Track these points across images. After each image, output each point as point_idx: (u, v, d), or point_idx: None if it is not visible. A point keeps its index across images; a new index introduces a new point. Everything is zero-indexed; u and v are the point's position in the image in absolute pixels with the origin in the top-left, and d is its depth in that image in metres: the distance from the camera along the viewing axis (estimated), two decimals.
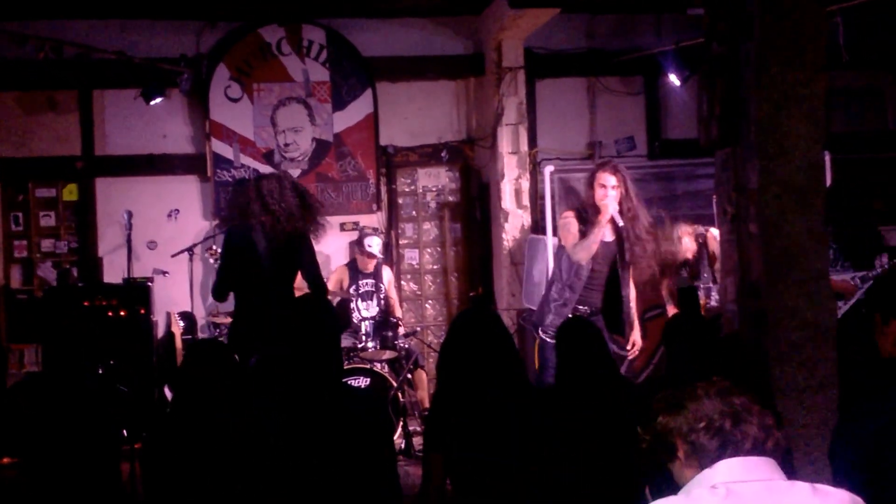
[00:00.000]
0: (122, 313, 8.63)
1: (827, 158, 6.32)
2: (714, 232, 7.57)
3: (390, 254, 9.99)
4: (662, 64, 9.45)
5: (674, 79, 9.48)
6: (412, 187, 10.28)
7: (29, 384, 6.13)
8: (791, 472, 2.57)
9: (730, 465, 2.38)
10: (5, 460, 5.01)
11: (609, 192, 6.92)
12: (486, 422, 3.80)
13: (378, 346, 8.24)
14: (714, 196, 6.32)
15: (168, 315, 9.16)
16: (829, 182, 6.33)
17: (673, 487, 2.48)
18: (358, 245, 9.14)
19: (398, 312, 9.11)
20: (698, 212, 8.54)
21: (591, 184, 7.04)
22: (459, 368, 3.96)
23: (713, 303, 7.19)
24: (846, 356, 4.42)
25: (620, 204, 6.94)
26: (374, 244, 8.95)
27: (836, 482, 2.75)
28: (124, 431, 6.92)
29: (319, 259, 8.64)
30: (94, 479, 5.40)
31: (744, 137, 4.52)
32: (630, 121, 10.34)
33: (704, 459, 2.42)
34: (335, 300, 8.51)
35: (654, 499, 2.47)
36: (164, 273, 9.06)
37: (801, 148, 4.46)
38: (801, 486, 2.38)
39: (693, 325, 5.10)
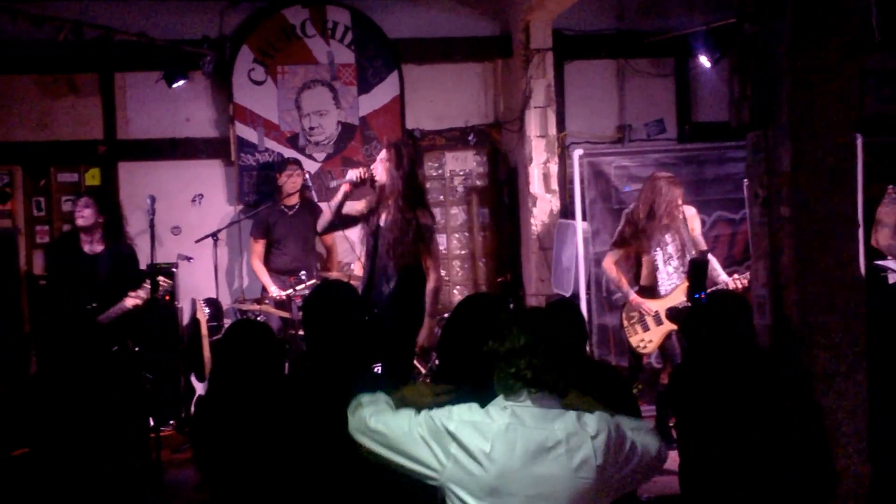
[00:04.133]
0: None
1: (858, 141, 6.36)
2: (691, 211, 7.71)
3: None
4: (693, 45, 9.44)
5: (704, 60, 9.49)
6: (439, 171, 10.34)
7: (51, 373, 6.24)
8: None
9: (520, 393, 3.19)
10: (19, 451, 5.10)
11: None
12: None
13: None
14: (744, 180, 6.39)
15: (193, 302, 9.23)
16: (860, 165, 6.40)
17: None
18: None
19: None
20: (728, 196, 8.60)
21: None
22: (460, 348, 3.98)
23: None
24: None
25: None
26: None
27: None
28: (150, 419, 7.09)
29: (344, 245, 8.79)
30: (122, 467, 5.51)
31: (776, 119, 4.56)
32: (660, 103, 10.36)
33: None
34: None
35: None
36: (189, 259, 9.10)
37: (833, 130, 4.51)
38: (570, 414, 3.19)
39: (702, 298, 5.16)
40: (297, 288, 8.26)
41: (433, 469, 3.19)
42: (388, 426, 3.28)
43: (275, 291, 8.51)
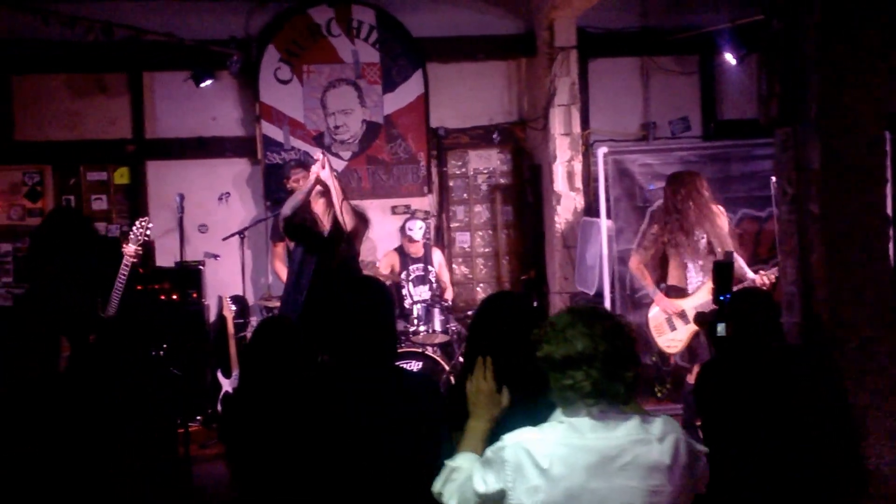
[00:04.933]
0: (174, 297, 8.75)
1: (888, 137, 6.27)
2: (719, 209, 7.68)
3: (441, 237, 10.04)
4: (718, 42, 9.38)
5: (730, 57, 9.42)
6: (463, 169, 10.31)
7: (83, 367, 6.24)
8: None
9: (577, 405, 2.93)
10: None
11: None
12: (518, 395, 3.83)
13: (430, 330, 8.28)
14: (772, 177, 6.31)
15: (220, 299, 9.20)
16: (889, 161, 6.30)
17: None
18: (401, 230, 9.21)
19: (448, 295, 9.16)
20: (755, 193, 8.50)
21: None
22: (486, 344, 3.95)
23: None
24: None
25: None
26: (416, 228, 8.99)
27: None
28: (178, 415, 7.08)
29: (368, 245, 8.77)
30: (150, 463, 5.51)
31: (804, 116, 4.50)
32: (684, 101, 10.30)
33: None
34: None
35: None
36: (216, 257, 9.10)
37: (862, 126, 4.45)
38: (632, 418, 2.93)
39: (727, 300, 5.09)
40: None
41: (505, 498, 2.94)
42: (461, 500, 3.07)
43: None
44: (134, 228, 6.95)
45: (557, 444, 2.89)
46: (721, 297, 5.27)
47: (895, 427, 4.37)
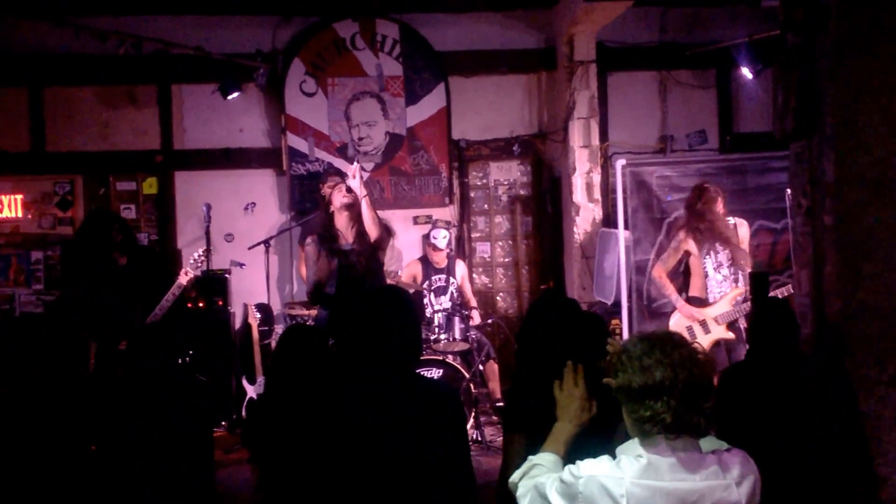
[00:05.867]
0: (200, 304, 8.78)
1: None
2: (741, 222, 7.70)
3: (462, 247, 10.04)
4: (735, 57, 9.35)
5: (746, 72, 9.39)
6: (484, 181, 10.31)
7: (109, 372, 6.26)
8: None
9: (655, 439, 2.78)
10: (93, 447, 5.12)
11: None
12: None
13: (450, 339, 8.27)
14: (787, 189, 6.28)
15: (245, 306, 9.24)
16: None
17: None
18: (425, 238, 9.21)
19: (475, 315, 9.04)
20: (771, 205, 8.45)
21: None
22: (537, 350, 3.99)
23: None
24: None
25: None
26: (441, 237, 8.98)
27: None
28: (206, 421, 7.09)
29: (392, 253, 8.78)
30: (179, 466, 5.53)
31: (819, 130, 4.47)
32: (702, 114, 10.28)
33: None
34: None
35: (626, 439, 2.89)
36: (241, 265, 9.12)
37: (877, 140, 4.41)
38: (710, 459, 2.80)
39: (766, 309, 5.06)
40: None
41: None
42: (532, 499, 3.01)
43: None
44: (196, 256, 7.05)
45: (635, 483, 2.74)
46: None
47: None
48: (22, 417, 3.85)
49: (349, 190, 7.24)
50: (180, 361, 7.44)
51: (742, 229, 7.70)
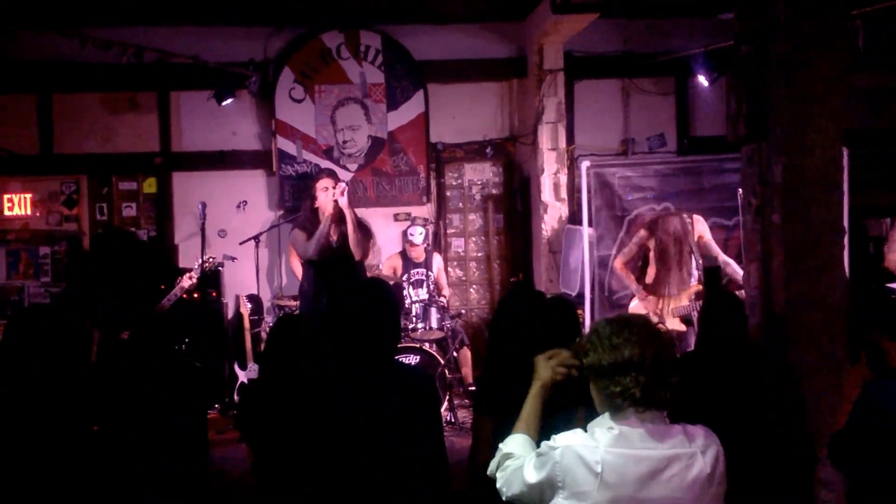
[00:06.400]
0: (195, 296, 8.70)
1: (845, 154, 6.19)
2: (698, 219, 7.68)
3: (438, 242, 9.97)
4: (692, 66, 9.33)
5: (703, 80, 9.37)
6: (459, 181, 10.24)
7: (111, 360, 6.17)
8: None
9: (626, 412, 2.77)
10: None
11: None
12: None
13: (427, 328, 8.22)
14: (739, 189, 6.24)
15: (237, 297, 9.18)
16: (846, 176, 6.22)
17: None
18: (404, 235, 9.15)
19: (445, 291, 9.11)
20: (725, 204, 8.42)
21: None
22: (507, 340, 3.95)
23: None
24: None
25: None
26: (417, 233, 8.93)
27: None
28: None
29: (373, 248, 8.75)
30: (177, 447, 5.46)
31: (769, 134, 4.44)
32: (661, 119, 10.22)
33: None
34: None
35: (588, 421, 2.88)
36: (234, 259, 9.05)
37: (822, 144, 4.38)
38: (676, 429, 2.79)
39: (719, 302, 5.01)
40: None
41: (553, 496, 2.80)
42: (511, 485, 2.92)
43: None
44: (199, 263, 7.01)
45: (609, 451, 2.72)
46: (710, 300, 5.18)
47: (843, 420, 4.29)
48: (23, 409, 3.75)
49: (340, 213, 7.47)
50: (177, 348, 7.39)
51: (699, 225, 7.66)
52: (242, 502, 5.89)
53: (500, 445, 3.06)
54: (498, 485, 3.00)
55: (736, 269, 7.39)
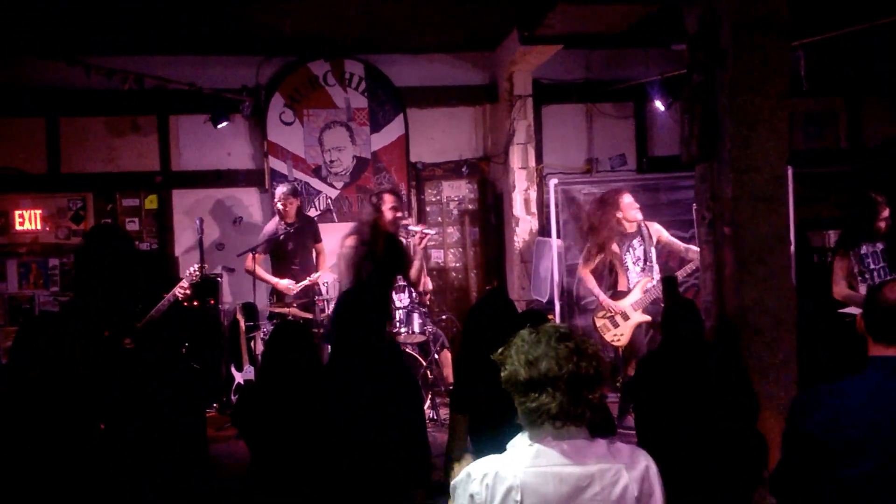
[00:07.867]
0: (195, 304, 8.66)
1: (789, 172, 6.30)
2: (654, 225, 7.77)
3: None
4: (649, 92, 9.42)
5: (659, 105, 9.47)
6: (437, 197, 10.28)
7: (116, 364, 6.16)
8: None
9: (543, 429, 2.47)
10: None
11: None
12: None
13: (410, 331, 8.23)
14: (693, 204, 6.32)
15: (234, 305, 9.17)
16: (790, 192, 6.32)
17: None
18: None
19: (429, 286, 8.89)
20: (680, 217, 8.53)
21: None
22: (479, 342, 3.97)
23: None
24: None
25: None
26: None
27: None
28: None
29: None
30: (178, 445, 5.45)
31: (719, 154, 4.52)
32: (622, 140, 10.29)
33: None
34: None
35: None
36: (231, 270, 9.07)
37: (768, 163, 4.46)
38: (600, 444, 2.49)
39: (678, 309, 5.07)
40: (305, 282, 8.27)
41: None
42: None
43: (284, 282, 8.35)
44: (191, 271, 6.98)
45: (527, 471, 2.44)
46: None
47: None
48: (28, 410, 3.73)
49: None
50: (177, 352, 7.38)
51: (653, 227, 7.72)
52: (241, 499, 5.87)
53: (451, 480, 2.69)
54: None
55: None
